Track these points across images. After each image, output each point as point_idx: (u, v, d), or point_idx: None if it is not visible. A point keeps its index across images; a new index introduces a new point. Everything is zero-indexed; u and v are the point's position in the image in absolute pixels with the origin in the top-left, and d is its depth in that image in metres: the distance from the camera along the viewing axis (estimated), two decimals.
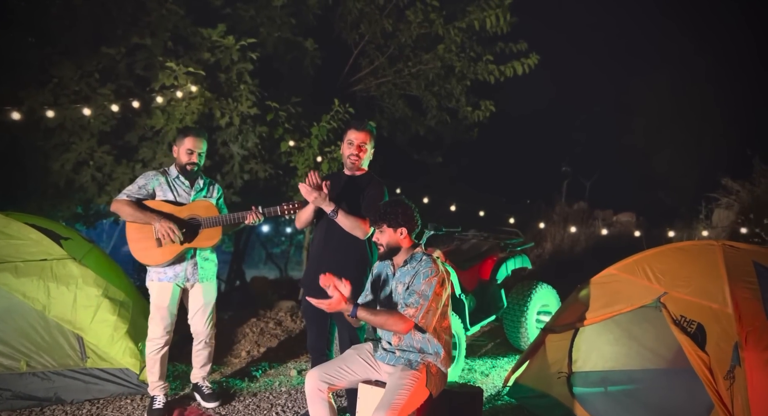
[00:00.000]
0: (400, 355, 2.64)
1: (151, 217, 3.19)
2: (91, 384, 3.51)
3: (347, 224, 3.00)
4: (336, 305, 2.52)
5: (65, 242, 3.83)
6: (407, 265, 2.66)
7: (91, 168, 4.90)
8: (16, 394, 3.34)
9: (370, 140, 3.15)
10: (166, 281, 3.32)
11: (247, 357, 4.65)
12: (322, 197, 2.96)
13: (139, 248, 3.24)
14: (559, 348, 3.38)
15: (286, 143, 5.52)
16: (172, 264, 3.31)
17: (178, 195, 3.37)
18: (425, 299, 2.52)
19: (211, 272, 3.49)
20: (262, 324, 5.32)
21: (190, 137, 3.35)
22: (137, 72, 5.19)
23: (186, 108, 4.90)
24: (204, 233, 3.30)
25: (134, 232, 3.25)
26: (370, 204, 3.09)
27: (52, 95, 4.75)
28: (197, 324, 3.50)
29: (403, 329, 2.52)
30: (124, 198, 3.24)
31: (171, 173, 3.42)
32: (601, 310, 3.09)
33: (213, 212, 3.33)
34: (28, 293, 3.44)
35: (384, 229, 2.64)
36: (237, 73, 5.28)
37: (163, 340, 3.35)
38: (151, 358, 3.35)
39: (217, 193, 3.55)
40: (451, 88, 7.30)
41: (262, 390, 3.92)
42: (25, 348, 3.42)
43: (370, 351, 2.78)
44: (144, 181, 3.34)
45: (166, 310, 3.33)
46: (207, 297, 3.47)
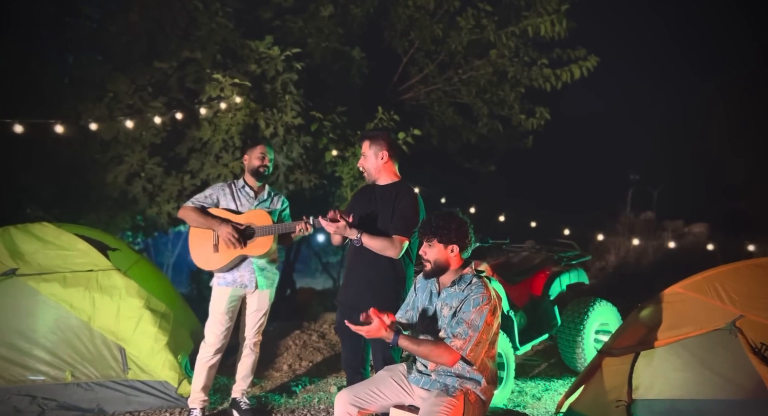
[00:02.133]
0: (435, 379, 2.43)
1: (212, 222, 3.28)
2: (132, 396, 3.52)
3: (375, 246, 2.86)
4: (375, 332, 2.34)
5: (112, 253, 3.90)
6: (455, 286, 2.45)
7: (142, 180, 5.03)
8: (61, 404, 3.39)
9: (369, 146, 3.02)
10: (224, 285, 3.36)
11: (288, 371, 4.57)
12: (341, 228, 2.86)
13: (198, 253, 3.33)
14: (617, 372, 3.05)
15: (330, 152, 5.46)
16: (230, 270, 3.35)
17: (241, 205, 3.42)
18: (475, 331, 2.30)
19: (269, 281, 3.49)
20: (305, 337, 5.24)
21: (261, 144, 3.47)
22: (187, 85, 5.31)
23: (232, 119, 4.94)
24: (257, 240, 3.30)
25: (196, 238, 3.35)
26: (399, 219, 2.92)
27: (107, 109, 4.92)
28: (247, 327, 3.51)
29: (449, 361, 2.31)
30: (190, 205, 3.37)
31: (237, 184, 3.51)
32: (666, 333, 2.75)
33: (266, 221, 3.32)
34: (75, 304, 3.50)
35: (434, 244, 2.44)
36: (282, 83, 5.29)
37: (214, 348, 3.35)
38: (200, 366, 3.35)
39: (281, 204, 3.57)
40: (504, 95, 7.04)
41: (300, 406, 3.81)
42: (71, 358, 3.48)
43: (404, 372, 2.59)
44: (211, 190, 3.46)
45: (223, 315, 3.35)
46: (261, 304, 3.48)
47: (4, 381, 3.33)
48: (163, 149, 5.24)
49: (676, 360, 3.01)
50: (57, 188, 5.83)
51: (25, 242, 3.62)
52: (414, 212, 2.93)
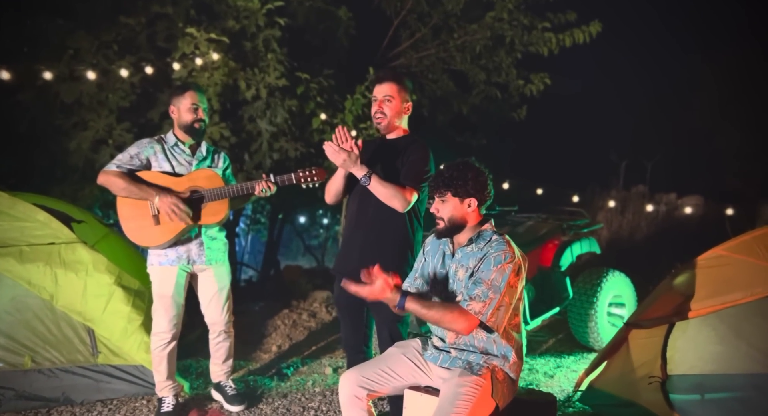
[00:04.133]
0: (456, 356, 2.10)
1: (147, 191, 2.74)
2: (103, 382, 3.13)
3: (383, 192, 2.47)
4: (379, 292, 1.98)
5: (77, 225, 3.46)
6: (472, 245, 2.10)
7: (110, 147, 4.55)
8: (20, 394, 2.99)
9: (398, 91, 2.58)
10: (168, 264, 2.86)
11: (277, 352, 4.22)
12: (352, 158, 2.44)
13: (133, 227, 2.79)
14: (647, 346, 2.76)
15: (318, 118, 5.04)
16: (174, 245, 2.85)
17: (178, 164, 2.90)
18: (496, 292, 1.96)
19: (220, 252, 3.01)
20: (294, 316, 4.89)
21: (190, 91, 2.89)
22: (158, 44, 4.82)
23: (209, 79, 4.49)
24: (208, 207, 2.82)
25: (127, 208, 2.79)
26: (410, 170, 2.56)
27: (67, 68, 4.41)
28: (212, 313, 3.06)
29: (464, 328, 1.96)
30: (113, 169, 2.78)
31: (168, 140, 2.94)
32: (708, 300, 2.46)
33: (217, 183, 2.85)
34: (34, 281, 3.07)
35: (447, 198, 2.09)
36: (264, 40, 4.83)
37: (169, 334, 2.90)
38: (157, 355, 2.91)
39: (224, 162, 3.06)
40: (500, 60, 6.68)
41: (293, 390, 3.46)
42: (31, 342, 3.06)
43: (418, 349, 2.24)
44: (137, 149, 2.87)
45: (170, 299, 2.88)
46: (220, 282, 3.02)
47: None
48: (132, 114, 4.75)
49: (711, 332, 2.73)
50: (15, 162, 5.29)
51: None
52: (426, 165, 2.57)
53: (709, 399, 2.67)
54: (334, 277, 2.77)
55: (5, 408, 2.94)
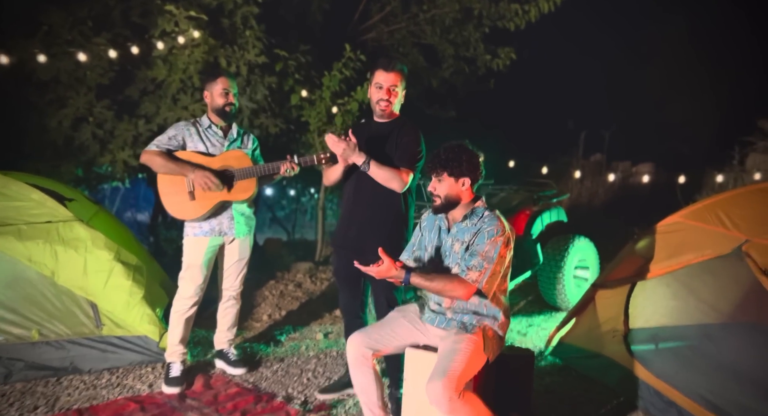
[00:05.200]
0: (452, 317, 2.37)
1: (184, 167, 2.97)
2: (109, 352, 3.28)
3: (382, 175, 2.69)
4: (386, 272, 2.22)
5: (70, 203, 3.53)
6: (466, 220, 2.35)
7: (92, 125, 4.55)
8: (30, 364, 3.11)
9: (400, 81, 2.79)
10: (201, 235, 3.10)
11: (269, 321, 4.44)
12: (351, 147, 2.65)
13: (172, 202, 3.02)
14: (611, 304, 3.13)
15: (297, 94, 5.14)
16: (208, 218, 3.09)
17: (212, 145, 3.11)
18: (489, 262, 2.22)
19: (248, 227, 3.27)
20: (281, 287, 5.09)
21: (222, 76, 3.11)
22: (133, 19, 4.77)
23: (189, 57, 4.51)
24: (238, 184, 3.06)
25: (167, 185, 3.02)
26: (404, 152, 2.77)
27: (43, 45, 4.35)
28: (228, 277, 3.31)
29: (463, 295, 2.24)
30: (153, 149, 3.02)
31: (202, 123, 3.17)
32: (665, 262, 2.81)
33: (246, 163, 3.07)
34: (34, 258, 3.16)
35: (443, 178, 2.31)
36: (242, 17, 4.86)
37: (192, 300, 3.14)
38: (176, 319, 3.13)
39: (252, 144, 3.29)
40: (468, 35, 6.86)
41: (289, 354, 3.71)
42: (36, 316, 3.17)
43: (416, 313, 2.51)
44: (174, 131, 3.09)
45: (199, 268, 3.12)
46: (242, 253, 3.28)
47: None
48: (111, 91, 4.73)
49: (665, 289, 3.12)
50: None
51: None
52: (418, 146, 2.78)
53: (663, 348, 3.07)
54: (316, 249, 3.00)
55: (16, 378, 3.06)
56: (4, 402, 2.86)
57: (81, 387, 3.06)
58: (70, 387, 3.06)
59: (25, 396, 2.93)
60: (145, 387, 3.10)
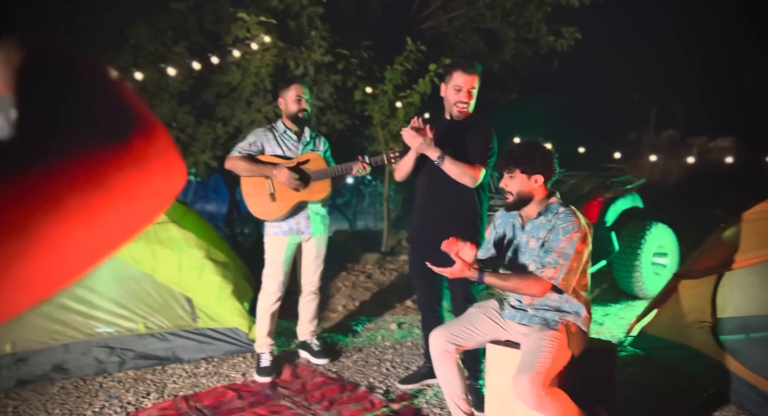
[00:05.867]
0: (533, 314, 2.41)
1: (265, 169, 3.17)
2: (205, 343, 3.57)
3: (455, 170, 2.74)
4: (459, 272, 2.28)
5: None
6: (541, 217, 2.37)
7: (175, 130, 4.86)
8: (139, 354, 3.45)
9: (478, 81, 2.83)
10: (281, 234, 3.30)
11: (344, 311, 4.63)
12: (427, 142, 2.71)
13: (254, 203, 3.24)
14: (696, 294, 3.05)
15: (360, 91, 5.25)
16: (287, 218, 3.28)
17: (288, 149, 3.30)
18: (566, 259, 2.24)
19: (323, 225, 3.44)
20: (352, 278, 5.28)
21: (295, 83, 3.29)
22: (207, 27, 5.02)
23: (260, 61, 4.71)
24: (314, 185, 3.22)
25: (249, 187, 3.24)
26: (477, 148, 2.81)
27: (131, 57, 4.68)
28: (307, 274, 3.50)
29: (539, 292, 2.27)
30: (236, 155, 3.23)
31: (278, 128, 3.36)
32: (755, 252, 2.71)
33: (321, 165, 3.24)
34: (137, 258, 3.48)
35: (516, 175, 2.34)
36: (308, 18, 5.00)
37: (276, 296, 3.35)
38: (262, 313, 3.36)
39: (324, 145, 3.45)
40: (529, 16, 6.69)
41: (366, 344, 3.87)
42: (142, 310, 3.50)
43: (496, 309, 2.57)
44: (254, 137, 3.30)
45: (280, 265, 3.32)
46: (319, 250, 3.46)
47: (83, 335, 3.36)
48: (191, 97, 5.03)
49: (755, 279, 3.00)
50: None
51: None
52: (490, 143, 2.82)
53: (754, 338, 2.97)
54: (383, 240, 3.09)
55: (128, 366, 3.41)
56: (121, 388, 3.19)
57: (183, 375, 3.36)
58: (174, 375, 3.36)
59: (138, 383, 3.26)
60: (239, 376, 3.36)
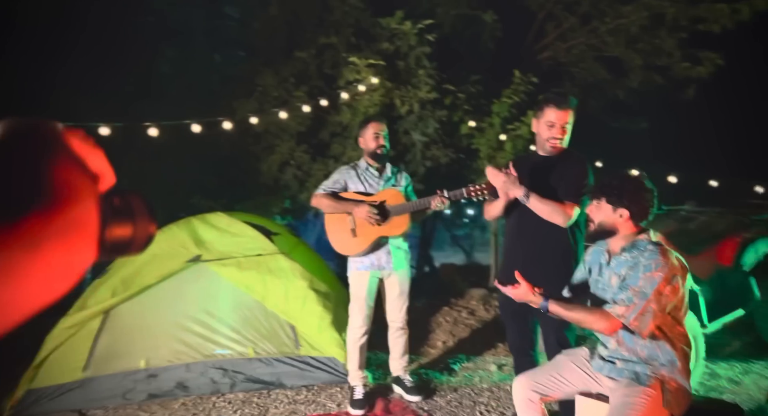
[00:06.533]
0: (622, 367, 2.20)
1: (347, 205, 3.30)
2: (306, 370, 3.75)
3: (543, 209, 2.63)
4: (523, 295, 2.22)
5: (275, 237, 4.16)
6: (625, 253, 2.19)
7: (293, 167, 5.29)
8: (248, 377, 3.72)
9: (572, 115, 2.71)
10: (363, 270, 3.40)
11: (443, 348, 4.57)
12: (510, 180, 2.64)
13: (337, 239, 3.38)
14: None
15: (466, 124, 5.28)
16: (368, 253, 3.37)
17: (369, 186, 3.42)
18: (641, 298, 2.03)
19: (403, 260, 3.48)
20: (454, 313, 5.21)
21: (372, 122, 3.44)
22: (325, 71, 5.45)
23: (369, 101, 4.97)
24: (393, 220, 3.29)
25: (332, 224, 3.39)
26: (570, 184, 2.67)
27: (257, 103, 5.23)
28: (392, 310, 3.53)
29: (605, 328, 2.09)
30: (321, 192, 3.41)
31: (360, 165, 3.50)
32: None
33: (400, 200, 3.31)
34: (250, 285, 3.79)
35: (601, 204, 2.20)
36: (415, 58, 5.20)
37: (362, 329, 3.43)
38: (351, 347, 3.46)
39: (405, 181, 3.54)
40: (659, 42, 6.22)
41: (462, 385, 3.78)
42: (252, 335, 3.79)
43: (587, 357, 2.38)
44: (338, 175, 3.47)
45: (364, 300, 3.40)
46: (402, 286, 3.48)
47: (201, 356, 3.72)
48: (308, 136, 5.46)
49: None
50: (219, 179, 6.41)
51: (205, 231, 3.99)
52: (585, 179, 2.67)
53: None
54: (489, 275, 3.00)
55: (238, 388, 3.69)
56: (230, 409, 3.46)
57: (285, 401, 3.55)
58: (277, 401, 3.57)
59: (245, 405, 3.51)
60: (334, 406, 3.47)
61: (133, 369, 3.61)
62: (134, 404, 3.56)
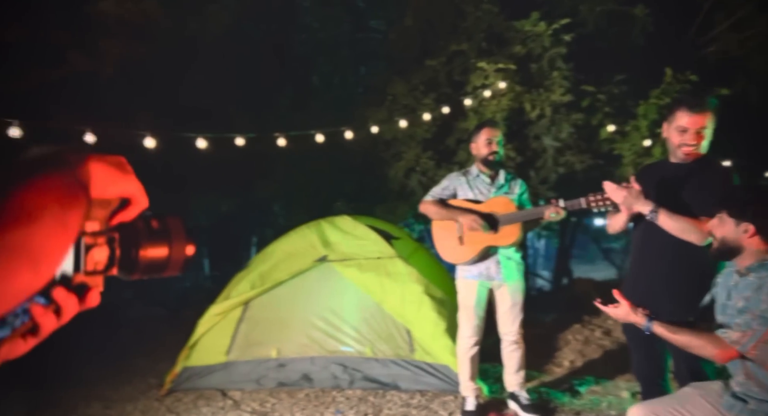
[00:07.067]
0: (755, 408, 1.87)
1: (453, 212, 3.24)
2: (420, 375, 3.79)
3: (674, 226, 2.33)
4: (624, 315, 2.06)
5: (395, 241, 4.27)
6: (751, 274, 1.90)
7: (418, 173, 5.38)
8: (366, 376, 3.87)
9: (710, 120, 2.38)
10: (471, 278, 3.32)
11: (569, 367, 4.28)
12: (633, 195, 2.37)
13: (443, 246, 3.34)
14: None
15: (606, 129, 4.88)
16: (476, 262, 3.28)
17: (479, 193, 3.34)
18: (762, 324, 1.75)
19: (515, 271, 3.32)
20: (587, 332, 4.84)
21: (486, 127, 3.34)
22: (455, 78, 5.46)
23: (496, 106, 4.87)
24: (503, 230, 3.17)
25: (439, 231, 3.36)
26: (708, 197, 2.33)
27: (387, 111, 5.42)
28: (504, 323, 3.39)
29: (715, 355, 1.87)
30: (429, 199, 3.40)
31: (471, 172, 3.42)
32: None
33: (511, 209, 3.17)
34: (369, 287, 3.95)
35: (723, 217, 1.94)
36: (549, 60, 4.96)
37: (471, 340, 3.34)
38: (461, 357, 3.39)
39: (520, 188, 3.38)
40: None
41: (586, 409, 3.51)
42: (370, 335, 3.94)
43: (719, 393, 2.07)
44: (447, 182, 3.44)
45: (473, 310, 3.32)
46: (514, 298, 3.32)
47: (325, 352, 3.96)
48: (434, 143, 5.51)
49: None
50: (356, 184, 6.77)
51: (332, 233, 4.25)
52: None
53: None
54: None
55: (356, 385, 3.86)
56: (347, 405, 3.64)
57: (398, 403, 3.63)
58: (391, 402, 3.66)
59: (361, 403, 3.66)
60: (446, 414, 3.46)
61: (266, 357, 3.98)
62: (266, 390, 3.92)
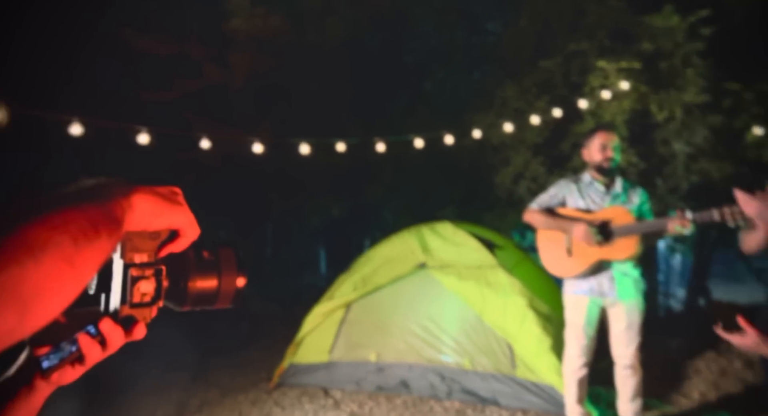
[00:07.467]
0: None
1: (561, 222, 2.99)
2: (521, 393, 3.58)
3: None
4: (752, 345, 1.74)
5: (498, 250, 4.09)
6: None
7: (527, 180, 5.12)
8: (464, 388, 3.73)
9: None
10: (580, 294, 3.02)
11: (699, 399, 3.78)
12: None
13: (549, 258, 3.10)
14: None
15: (753, 132, 4.26)
16: (586, 277, 2.99)
17: (592, 202, 3.04)
18: None
19: (632, 289, 2.97)
20: (723, 361, 4.24)
21: (600, 131, 3.03)
22: (572, 79, 5.13)
23: (617, 108, 4.47)
24: (618, 242, 2.85)
25: (545, 241, 3.13)
26: None
27: (495, 116, 5.24)
28: (618, 345, 3.04)
29: None
30: (535, 207, 3.17)
31: (584, 179, 3.13)
32: None
33: (628, 220, 2.84)
34: (469, 296, 3.81)
35: None
36: (683, 57, 4.45)
37: (579, 361, 3.05)
38: (568, 378, 3.12)
39: (640, 198, 3.03)
40: None
41: None
42: (469, 347, 3.80)
43: None
44: (556, 190, 3.19)
45: (581, 329, 3.02)
46: (630, 318, 2.97)
47: (423, 360, 3.90)
48: (546, 148, 5.21)
49: None
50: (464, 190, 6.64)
51: (431, 239, 4.19)
52: None
53: None
54: None
55: (454, 397, 3.75)
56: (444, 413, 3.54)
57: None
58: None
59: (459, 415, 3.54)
60: None
61: (365, 360, 4.02)
62: (365, 392, 3.95)
